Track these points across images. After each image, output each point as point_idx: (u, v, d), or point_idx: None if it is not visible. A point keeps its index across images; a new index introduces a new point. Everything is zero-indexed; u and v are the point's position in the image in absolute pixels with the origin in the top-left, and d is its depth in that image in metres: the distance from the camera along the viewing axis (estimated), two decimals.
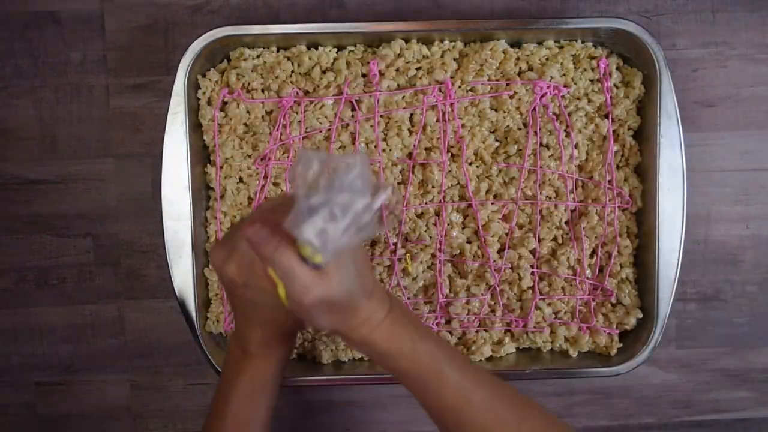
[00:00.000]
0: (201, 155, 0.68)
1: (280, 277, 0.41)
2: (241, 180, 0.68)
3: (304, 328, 0.51)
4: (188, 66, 0.64)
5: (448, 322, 0.69)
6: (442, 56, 0.67)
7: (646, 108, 0.67)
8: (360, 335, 0.46)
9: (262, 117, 0.67)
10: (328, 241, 0.38)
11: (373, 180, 0.40)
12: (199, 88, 0.67)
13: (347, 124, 0.67)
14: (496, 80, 0.67)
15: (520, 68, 0.68)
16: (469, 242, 0.68)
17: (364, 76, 0.67)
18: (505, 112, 0.67)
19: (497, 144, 0.68)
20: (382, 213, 0.40)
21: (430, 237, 0.67)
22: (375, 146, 0.67)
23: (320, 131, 0.67)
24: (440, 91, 0.67)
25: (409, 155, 0.67)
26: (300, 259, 0.40)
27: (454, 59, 0.67)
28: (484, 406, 0.47)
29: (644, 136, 0.67)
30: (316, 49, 0.67)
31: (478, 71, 0.67)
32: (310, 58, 0.67)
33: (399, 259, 0.67)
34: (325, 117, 0.67)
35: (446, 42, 0.67)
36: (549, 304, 0.69)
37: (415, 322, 0.49)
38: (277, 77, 0.67)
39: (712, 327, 0.74)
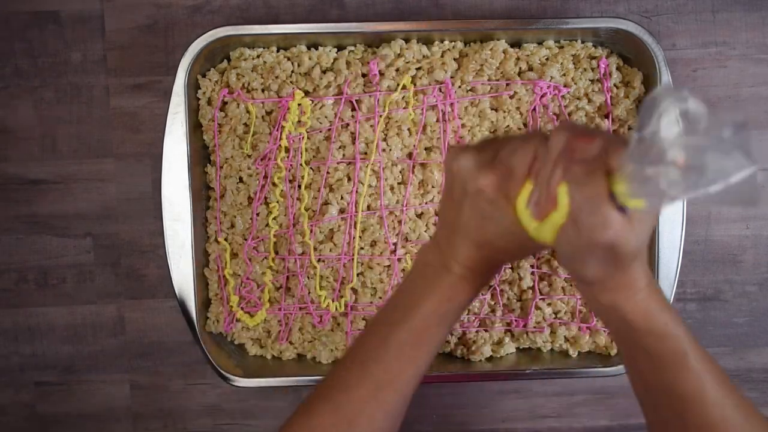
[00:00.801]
0: (201, 155, 0.68)
1: (578, 204, 0.35)
2: (241, 180, 0.68)
3: (524, 258, 0.44)
4: (188, 66, 0.64)
5: None
6: (442, 56, 0.67)
7: None
8: (612, 298, 0.41)
9: (262, 117, 0.67)
10: (657, 189, 0.32)
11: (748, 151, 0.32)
12: (199, 88, 0.67)
13: (347, 124, 0.67)
14: (496, 80, 0.67)
15: (520, 68, 0.68)
16: None
17: (364, 76, 0.67)
18: (505, 112, 0.67)
19: None
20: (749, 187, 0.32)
21: (430, 237, 0.67)
22: (375, 146, 0.67)
23: (320, 131, 0.67)
24: (440, 91, 0.67)
25: (409, 155, 0.67)
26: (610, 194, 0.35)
27: (454, 59, 0.67)
28: (717, 403, 0.43)
29: None
30: (316, 49, 0.67)
31: (478, 71, 0.67)
32: (310, 58, 0.67)
33: (399, 259, 0.67)
34: (325, 117, 0.67)
35: (446, 42, 0.67)
36: (549, 304, 0.69)
37: (667, 302, 0.44)
38: (277, 77, 0.67)
39: (712, 327, 0.74)
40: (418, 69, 0.67)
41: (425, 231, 0.67)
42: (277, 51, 0.67)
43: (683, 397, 0.43)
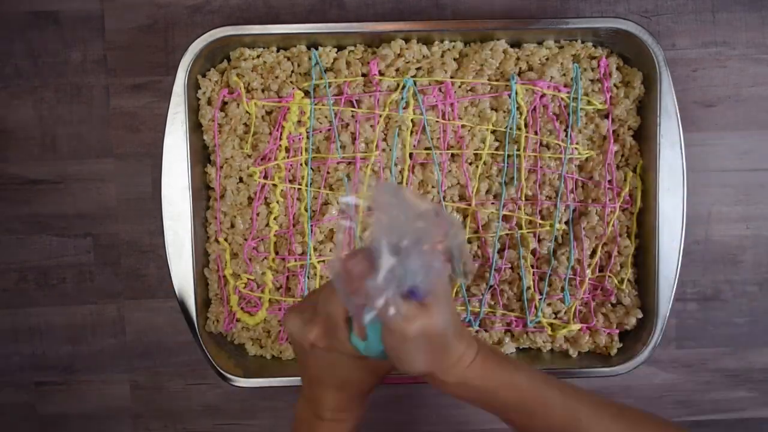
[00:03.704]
0: (201, 155, 0.68)
1: (380, 314, 0.40)
2: (241, 180, 0.68)
3: (381, 383, 0.51)
4: (188, 66, 0.64)
5: None
6: (442, 56, 0.67)
7: (646, 108, 0.67)
8: (455, 375, 0.46)
9: (262, 117, 0.67)
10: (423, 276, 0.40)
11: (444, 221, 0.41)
12: (199, 88, 0.67)
13: (347, 124, 0.67)
14: (496, 80, 0.67)
15: (520, 68, 0.68)
16: (469, 242, 0.68)
17: (364, 76, 0.67)
18: (505, 112, 0.67)
19: (497, 144, 0.68)
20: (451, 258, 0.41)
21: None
22: (375, 146, 0.67)
23: (320, 131, 0.67)
24: (440, 91, 0.67)
25: (410, 155, 0.67)
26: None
27: (454, 59, 0.67)
28: (593, 421, 0.47)
29: (644, 136, 0.67)
30: (316, 49, 0.67)
31: (478, 71, 0.67)
32: (310, 58, 0.67)
33: None
34: (325, 117, 0.67)
35: (446, 42, 0.67)
36: (549, 304, 0.69)
37: (503, 355, 0.49)
38: (277, 77, 0.67)
39: (712, 327, 0.74)
40: (418, 69, 0.67)
41: None
42: (277, 51, 0.67)
43: (564, 430, 0.47)
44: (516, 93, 0.67)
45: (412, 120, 0.67)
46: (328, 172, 0.67)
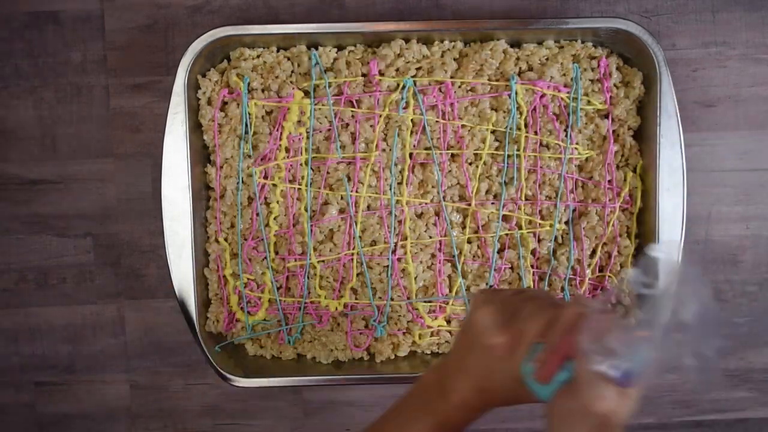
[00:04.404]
0: (201, 155, 0.68)
1: (579, 376, 0.40)
2: (241, 180, 0.68)
3: (506, 405, 0.50)
4: (188, 66, 0.64)
5: (449, 322, 0.69)
6: (442, 56, 0.67)
7: (646, 108, 0.67)
8: None
9: (262, 117, 0.67)
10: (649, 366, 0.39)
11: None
12: (199, 88, 0.67)
13: (347, 124, 0.67)
14: (496, 80, 0.67)
15: (520, 68, 0.68)
16: (469, 242, 0.68)
17: (364, 76, 0.67)
18: (505, 112, 0.67)
19: (497, 144, 0.68)
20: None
21: (430, 237, 0.67)
22: (375, 146, 0.67)
23: (320, 131, 0.67)
24: (440, 91, 0.67)
25: (410, 155, 0.67)
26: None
27: (454, 59, 0.67)
28: None
29: (644, 136, 0.67)
30: (316, 49, 0.67)
31: (478, 71, 0.67)
32: (310, 58, 0.67)
33: (399, 259, 0.67)
34: (325, 117, 0.67)
35: (446, 42, 0.67)
36: None
37: None
38: (277, 77, 0.67)
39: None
40: (418, 69, 0.67)
41: (425, 231, 0.67)
42: (277, 51, 0.67)
43: None
44: (516, 93, 0.67)
45: (412, 120, 0.67)
46: (328, 172, 0.67)
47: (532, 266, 0.68)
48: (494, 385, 0.46)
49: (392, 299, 0.68)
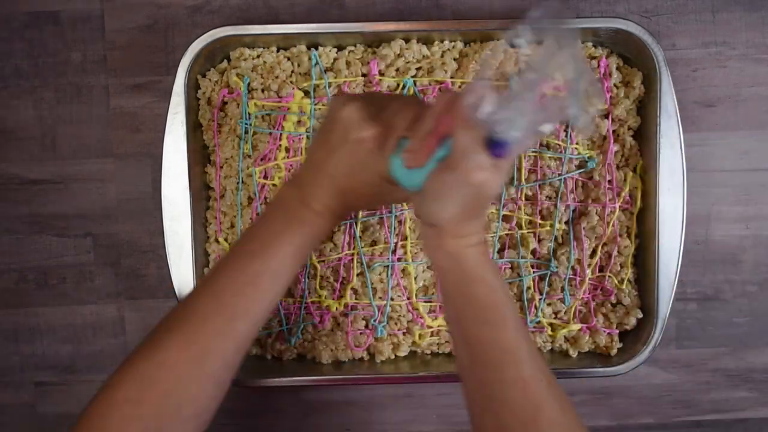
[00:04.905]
0: (201, 155, 0.68)
1: (459, 150, 0.41)
2: (241, 180, 0.68)
3: (372, 211, 0.49)
4: (188, 66, 0.64)
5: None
6: (442, 56, 0.67)
7: (646, 108, 0.67)
8: (456, 245, 0.46)
9: (263, 117, 0.67)
10: (515, 123, 0.39)
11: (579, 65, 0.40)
12: (199, 88, 0.67)
13: None
14: (496, 80, 0.67)
15: (519, 68, 0.67)
16: None
17: (364, 76, 0.67)
18: None
19: None
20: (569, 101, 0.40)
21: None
22: None
23: None
24: (440, 91, 0.67)
25: None
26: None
27: (454, 59, 0.67)
28: (529, 359, 0.46)
29: (644, 136, 0.67)
30: (316, 49, 0.67)
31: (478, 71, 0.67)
32: (310, 58, 0.67)
33: (399, 259, 0.67)
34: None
35: (446, 42, 0.67)
36: (549, 304, 0.69)
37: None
38: (277, 77, 0.67)
39: (712, 327, 0.74)
40: (418, 69, 0.67)
41: None
42: (277, 51, 0.67)
43: (503, 350, 0.46)
44: None
45: None
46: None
47: (532, 266, 0.68)
48: (357, 184, 0.47)
49: (392, 299, 0.68)
